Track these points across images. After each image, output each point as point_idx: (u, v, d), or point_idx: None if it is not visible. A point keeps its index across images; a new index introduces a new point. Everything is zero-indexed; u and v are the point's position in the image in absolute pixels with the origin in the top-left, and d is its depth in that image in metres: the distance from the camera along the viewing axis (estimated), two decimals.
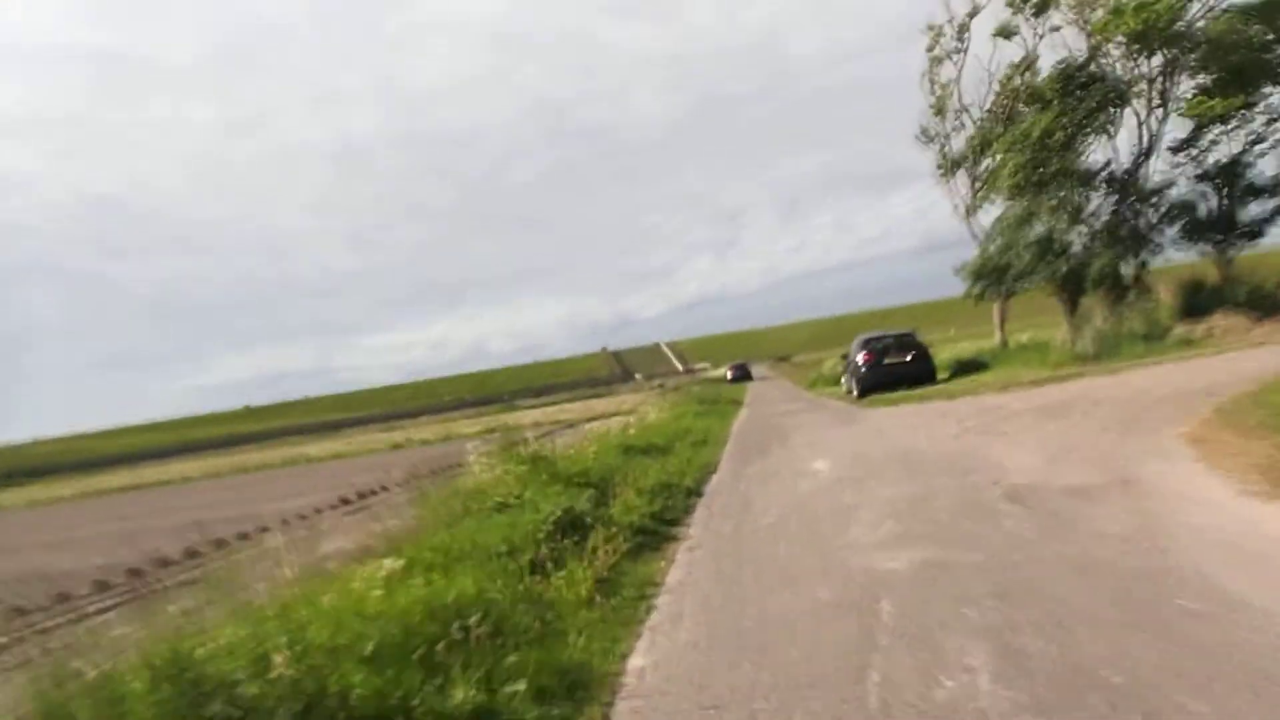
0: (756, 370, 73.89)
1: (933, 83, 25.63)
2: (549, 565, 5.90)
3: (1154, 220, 21.65)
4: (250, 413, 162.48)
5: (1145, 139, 21.44)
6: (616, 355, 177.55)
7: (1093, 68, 20.63)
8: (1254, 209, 21.66)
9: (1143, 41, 19.60)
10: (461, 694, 3.60)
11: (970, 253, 23.88)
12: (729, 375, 64.22)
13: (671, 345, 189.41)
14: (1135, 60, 20.58)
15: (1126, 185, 21.37)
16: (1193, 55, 19.93)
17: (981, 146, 22.86)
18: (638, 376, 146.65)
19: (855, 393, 22.01)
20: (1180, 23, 19.38)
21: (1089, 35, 20.87)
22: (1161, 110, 21.09)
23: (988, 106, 23.46)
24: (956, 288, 24.21)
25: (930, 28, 25.36)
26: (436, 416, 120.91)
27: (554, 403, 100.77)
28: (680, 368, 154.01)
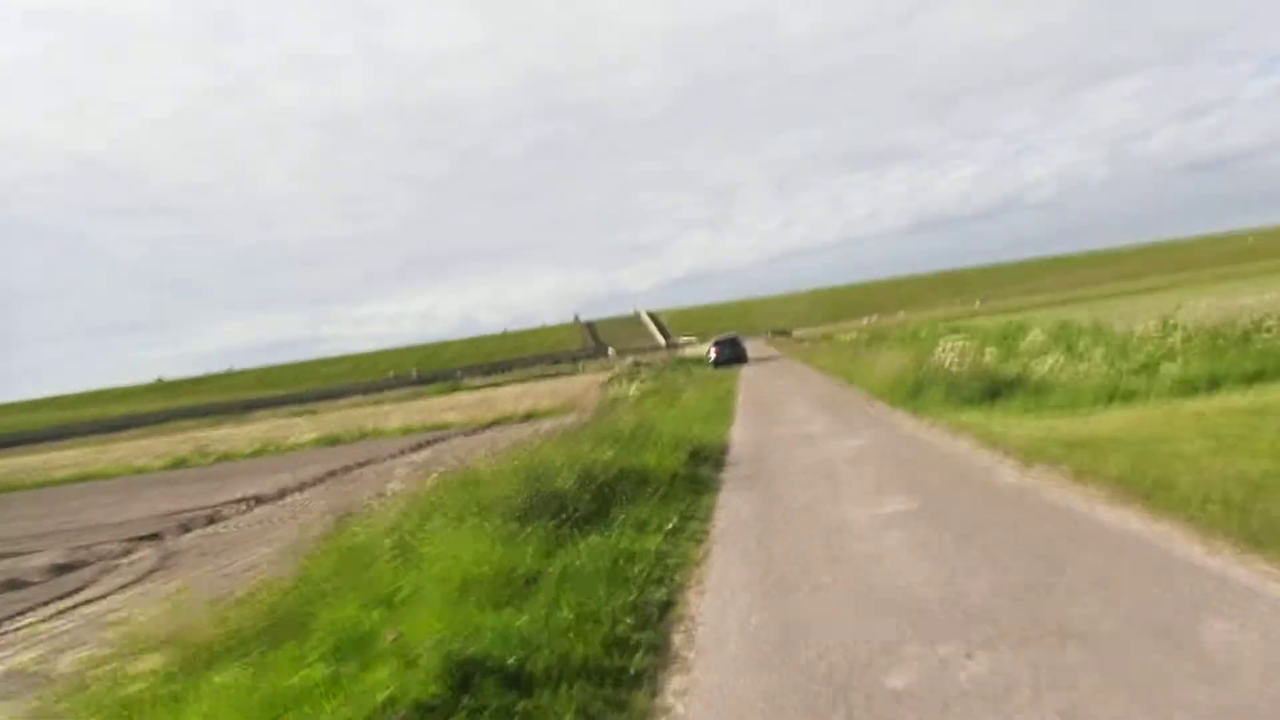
0: (753, 347, 53.11)
1: None
2: None
3: None
4: (161, 387, 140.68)
5: None
6: (590, 327, 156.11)
7: None
8: None
9: None
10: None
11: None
12: (712, 355, 42.88)
13: (653, 316, 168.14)
14: None
15: None
16: None
17: None
18: (611, 351, 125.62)
19: None
20: None
21: None
22: None
23: None
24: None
25: None
26: (366, 397, 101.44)
27: (498, 384, 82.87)
28: (662, 341, 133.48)
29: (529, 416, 34.70)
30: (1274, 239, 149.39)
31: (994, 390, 11.84)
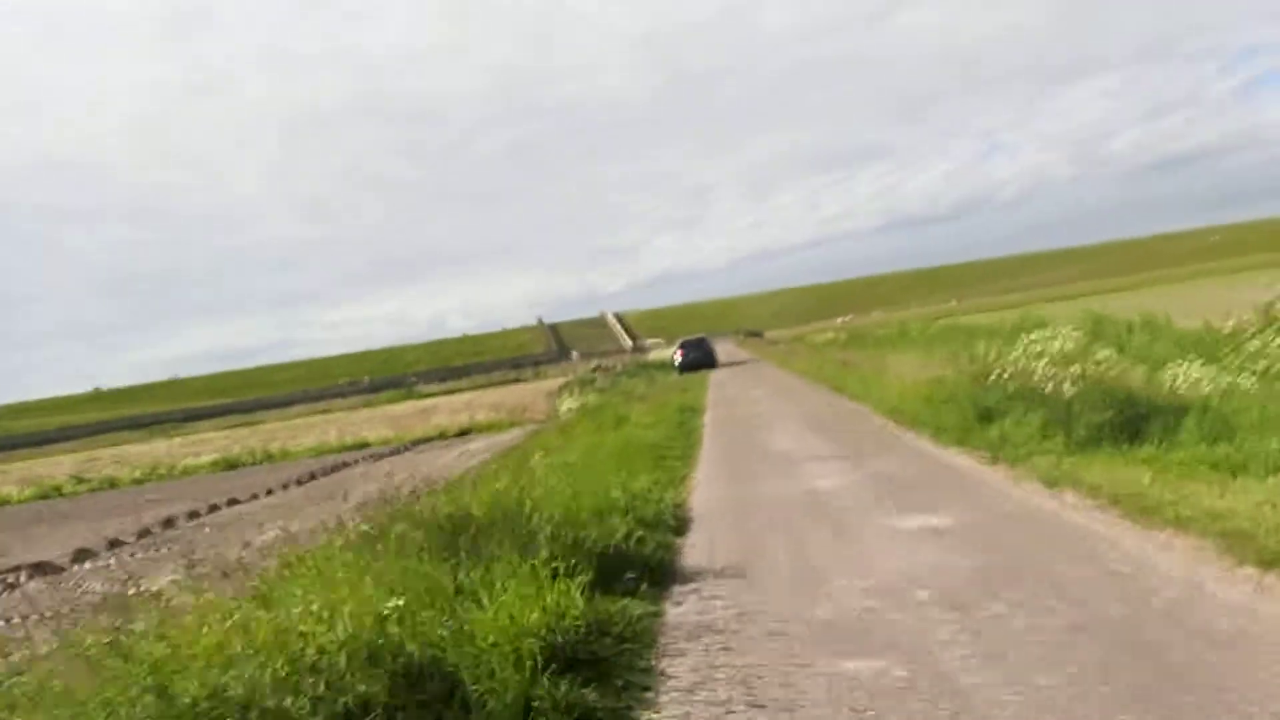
0: (723, 350, 48.21)
1: None
2: None
3: None
4: (99, 397, 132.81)
5: None
6: (553, 329, 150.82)
7: None
8: None
9: None
10: None
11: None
12: (677, 358, 37.88)
13: (620, 317, 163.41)
14: None
15: None
16: None
17: None
18: (574, 355, 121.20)
19: None
20: None
21: None
22: None
23: None
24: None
25: None
26: (312, 406, 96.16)
27: (451, 391, 78.84)
28: (628, 344, 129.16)
29: (463, 432, 29.79)
30: (1237, 235, 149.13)
31: (1133, 422, 6.99)
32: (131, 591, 4.70)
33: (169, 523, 16.61)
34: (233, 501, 18.44)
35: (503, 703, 3.17)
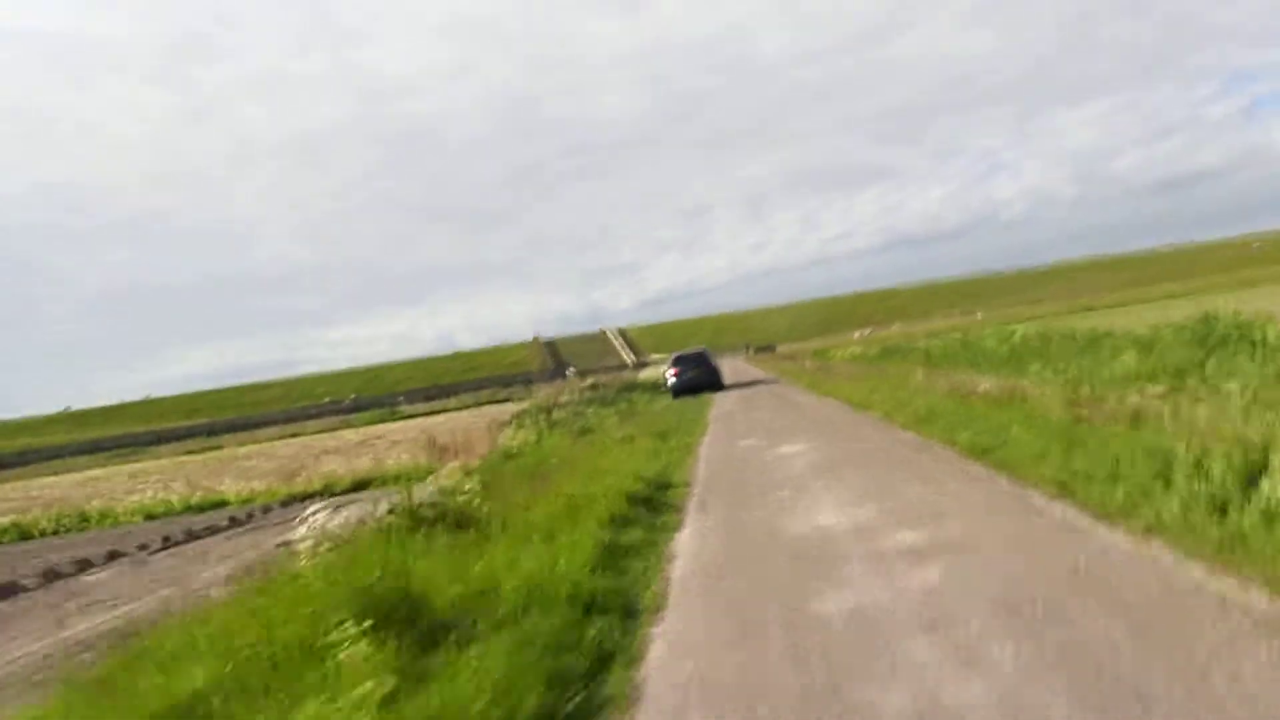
0: (731, 367, 39.25)
1: None
2: None
3: None
4: (66, 418, 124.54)
5: None
6: (550, 345, 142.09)
7: None
8: None
9: None
10: None
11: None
12: (670, 378, 28.69)
13: (624, 333, 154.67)
14: None
15: None
16: None
17: None
18: (570, 372, 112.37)
19: None
20: None
21: None
22: None
23: None
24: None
25: None
26: (288, 426, 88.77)
27: (439, 410, 72.86)
28: (629, 360, 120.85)
29: (359, 485, 20.88)
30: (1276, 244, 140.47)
31: None
32: None
33: None
34: None
35: None
